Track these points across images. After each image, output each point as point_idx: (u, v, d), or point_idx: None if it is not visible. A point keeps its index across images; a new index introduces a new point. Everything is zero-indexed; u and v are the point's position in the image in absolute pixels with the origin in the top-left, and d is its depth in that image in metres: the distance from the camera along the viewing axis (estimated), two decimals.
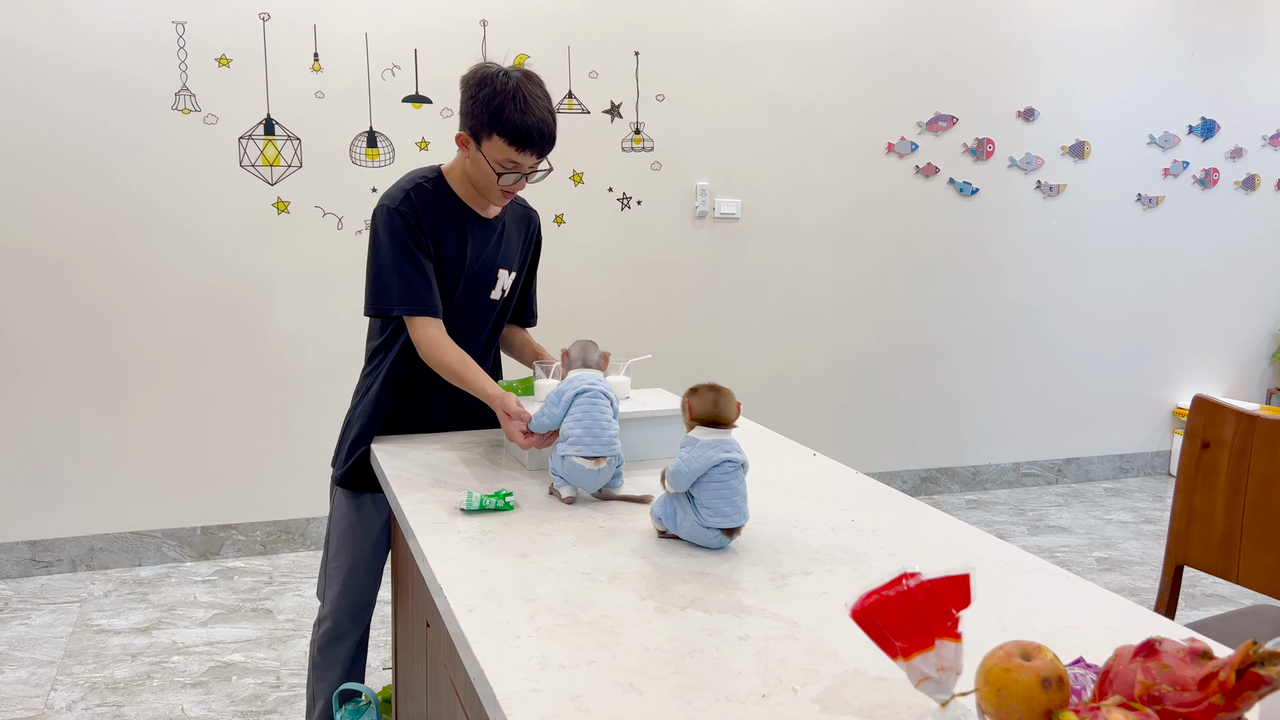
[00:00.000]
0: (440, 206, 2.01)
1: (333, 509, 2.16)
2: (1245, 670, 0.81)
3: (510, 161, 1.89)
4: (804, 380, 4.40)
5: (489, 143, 1.89)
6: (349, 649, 2.20)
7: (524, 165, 1.91)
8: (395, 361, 2.06)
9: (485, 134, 1.88)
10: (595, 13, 3.87)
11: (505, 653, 1.12)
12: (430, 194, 2.00)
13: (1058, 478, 4.91)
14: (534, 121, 1.86)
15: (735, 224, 4.19)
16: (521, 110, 1.85)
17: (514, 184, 1.95)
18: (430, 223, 1.99)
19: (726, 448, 1.45)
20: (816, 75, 4.20)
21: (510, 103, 1.84)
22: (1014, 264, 4.64)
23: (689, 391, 1.51)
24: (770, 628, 1.20)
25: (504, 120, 1.85)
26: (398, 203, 1.96)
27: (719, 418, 1.48)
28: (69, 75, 3.36)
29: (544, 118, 1.87)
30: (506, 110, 1.84)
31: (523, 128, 1.85)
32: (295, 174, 3.63)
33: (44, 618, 3.21)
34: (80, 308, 3.47)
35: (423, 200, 1.98)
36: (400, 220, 1.95)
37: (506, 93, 1.85)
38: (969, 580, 0.94)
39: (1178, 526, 1.99)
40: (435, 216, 2.00)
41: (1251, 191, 5.00)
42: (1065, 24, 4.51)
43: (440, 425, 2.15)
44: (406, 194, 1.98)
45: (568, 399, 1.73)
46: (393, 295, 1.95)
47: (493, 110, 1.85)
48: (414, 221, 1.96)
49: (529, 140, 1.86)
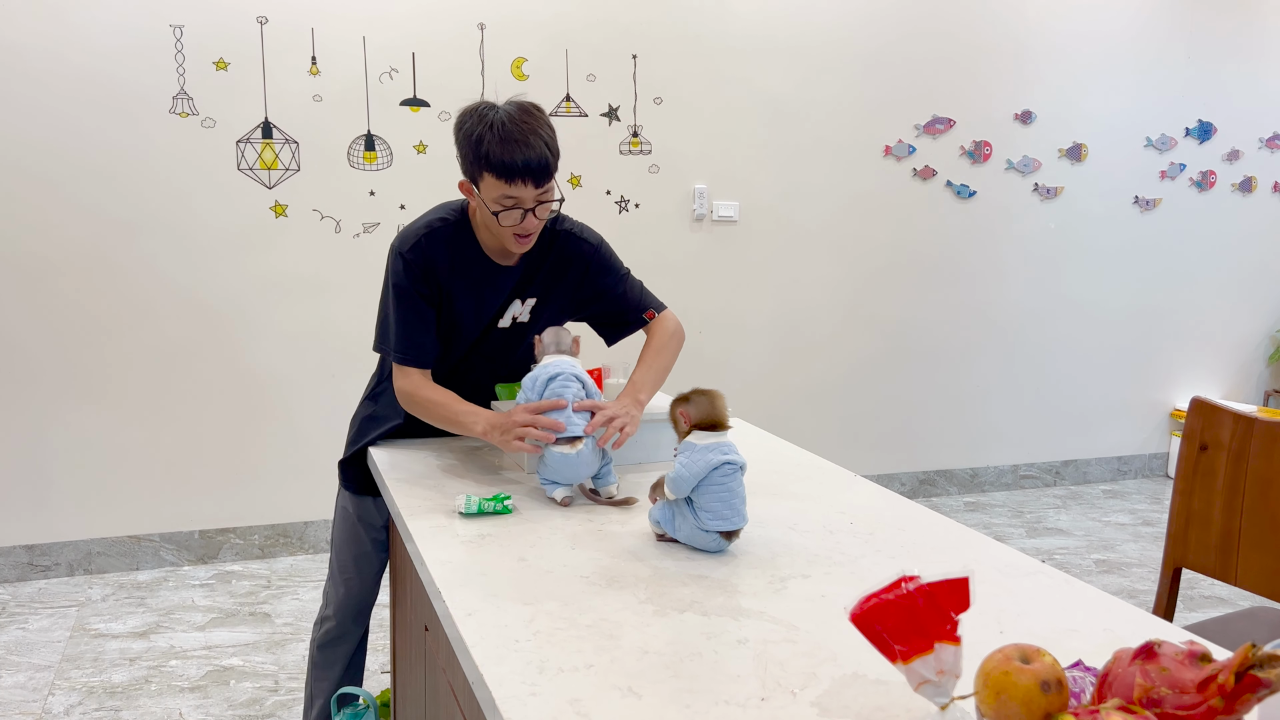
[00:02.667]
0: (456, 250, 1.90)
1: (337, 507, 2.18)
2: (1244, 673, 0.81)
3: (507, 198, 1.75)
4: (802, 383, 4.40)
5: (483, 183, 1.77)
6: (349, 649, 2.21)
7: (523, 200, 1.76)
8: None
9: (478, 174, 1.77)
10: (593, 16, 3.88)
11: (504, 656, 1.12)
12: (447, 237, 1.90)
13: (1056, 480, 4.91)
14: (518, 149, 1.71)
15: (733, 226, 4.20)
16: (503, 139, 1.71)
17: (521, 222, 1.79)
18: (442, 269, 1.89)
19: (725, 450, 1.45)
20: (814, 78, 4.20)
21: (489, 133, 1.72)
22: (1012, 266, 4.65)
23: (679, 400, 1.50)
24: (769, 631, 1.20)
25: (485, 154, 1.73)
26: (407, 248, 1.87)
27: (716, 420, 1.48)
28: (67, 79, 3.36)
29: (529, 143, 1.72)
30: (486, 143, 1.72)
31: (506, 158, 1.71)
32: (293, 177, 3.63)
33: (41, 622, 3.21)
34: (78, 311, 3.47)
35: (434, 245, 1.88)
36: (404, 267, 1.87)
37: (486, 124, 1.73)
38: (968, 583, 0.94)
39: (1176, 529, 1.99)
40: (449, 261, 1.89)
41: (1248, 194, 5.00)
42: (1062, 27, 4.52)
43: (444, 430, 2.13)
44: (419, 240, 1.88)
45: (540, 384, 1.72)
46: (389, 340, 1.90)
47: (474, 146, 1.75)
48: (418, 270, 1.87)
49: (514, 170, 1.72)
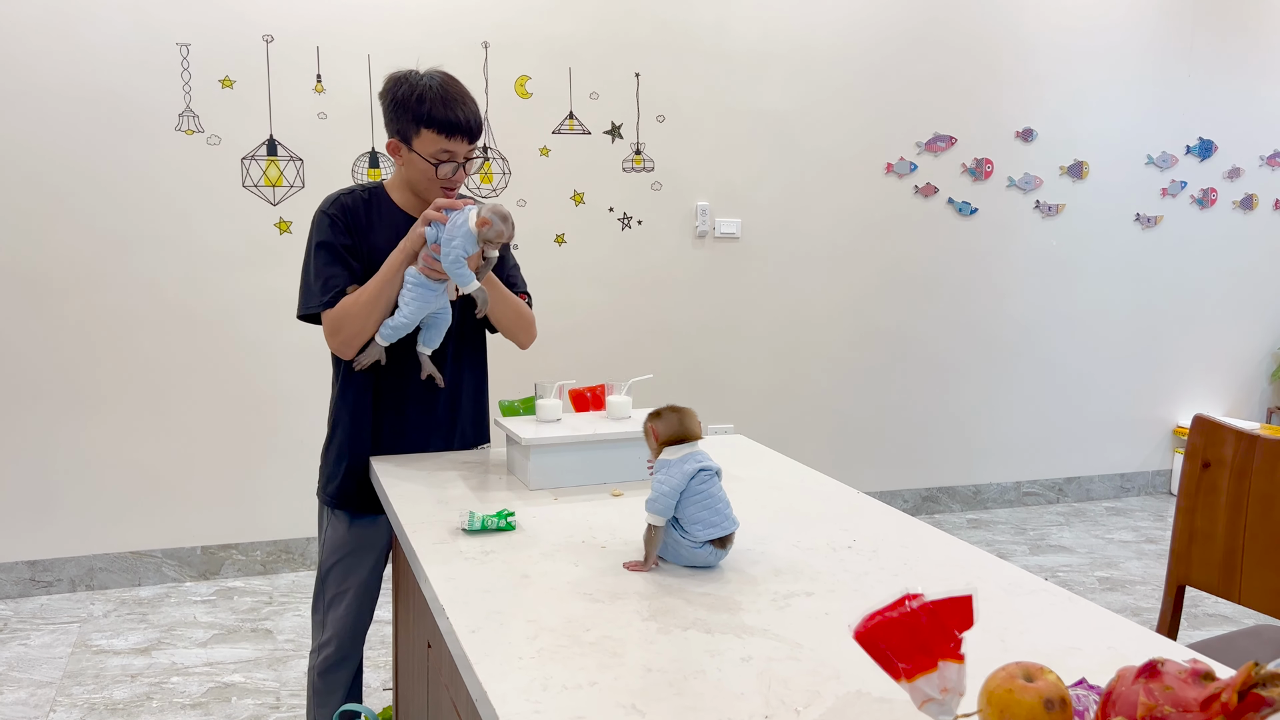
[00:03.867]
0: (375, 213, 2.03)
1: (326, 535, 2.13)
2: (1247, 692, 0.81)
3: (444, 151, 1.93)
4: (805, 399, 4.40)
5: (418, 139, 1.92)
6: (350, 672, 2.19)
7: (458, 153, 1.94)
8: (360, 381, 2.05)
9: (414, 131, 1.92)
10: (596, 34, 3.90)
11: (507, 673, 1.12)
12: (364, 201, 2.02)
13: (1059, 497, 4.90)
14: (459, 108, 1.90)
15: (735, 243, 4.21)
16: (444, 100, 1.90)
17: (453, 174, 1.97)
18: (362, 228, 2.00)
19: (698, 458, 1.46)
20: (816, 96, 4.22)
21: (430, 93, 1.90)
22: (1013, 284, 4.66)
23: (650, 416, 1.51)
24: (772, 649, 1.20)
25: (428, 112, 1.89)
26: (327, 205, 2.00)
27: (686, 435, 1.48)
28: (74, 96, 3.38)
29: (466, 103, 1.92)
30: (428, 102, 1.89)
31: (449, 115, 1.89)
32: (297, 194, 3.65)
33: (43, 638, 3.20)
34: (81, 326, 3.48)
35: (355, 205, 2.01)
36: (327, 222, 1.99)
37: (424, 86, 1.90)
38: (971, 601, 0.94)
39: (1179, 546, 1.99)
40: (368, 222, 2.02)
41: (1249, 211, 5.02)
42: (1063, 45, 4.54)
43: (425, 443, 2.12)
44: (337, 198, 2.02)
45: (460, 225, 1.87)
46: (313, 293, 1.97)
47: (415, 104, 1.90)
48: (341, 224, 1.99)
49: (456, 126, 1.90)
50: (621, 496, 1.82)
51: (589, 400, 2.08)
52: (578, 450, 1.88)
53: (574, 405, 2.10)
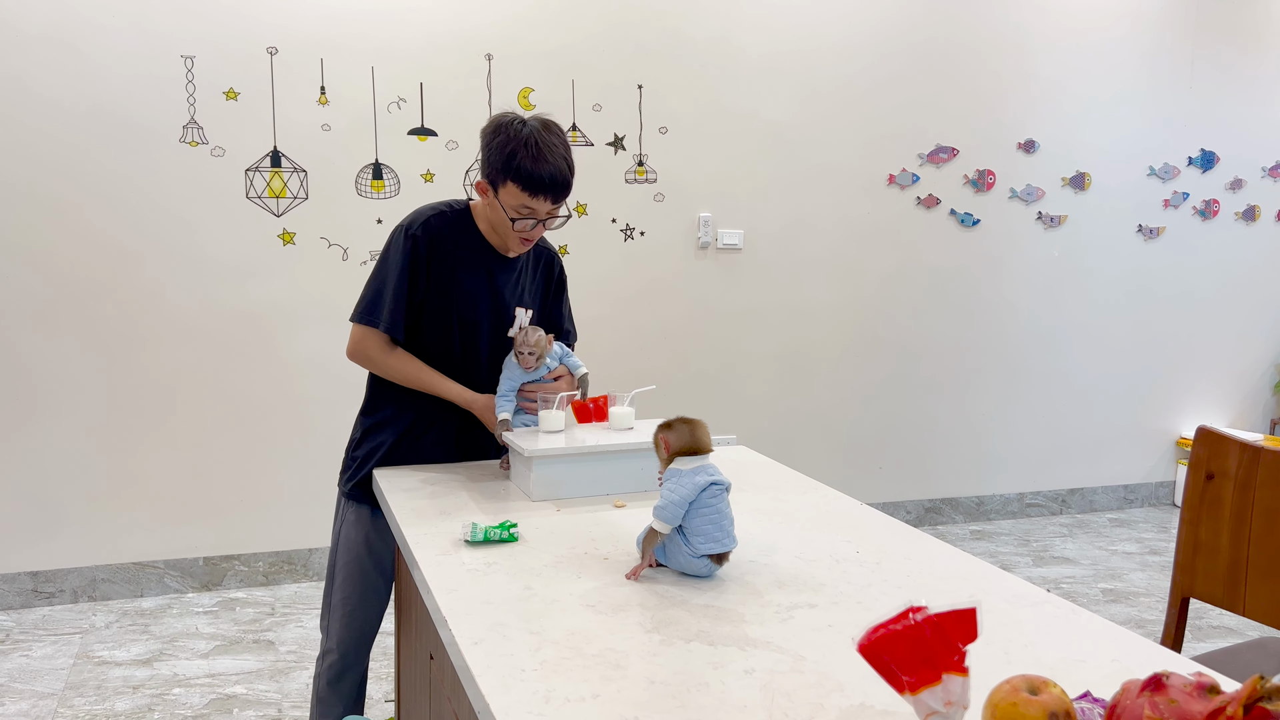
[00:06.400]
0: (460, 236, 2.04)
1: (340, 539, 2.14)
2: (1253, 705, 0.81)
3: (525, 207, 1.93)
4: (807, 410, 4.40)
5: (504, 189, 1.92)
6: (354, 682, 2.18)
7: (539, 211, 1.94)
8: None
9: (500, 180, 1.92)
10: (599, 46, 3.92)
11: (510, 686, 1.12)
12: (451, 222, 2.04)
13: (1062, 508, 4.89)
14: (546, 168, 1.89)
15: (737, 255, 4.21)
16: (534, 157, 1.88)
17: (530, 230, 1.97)
18: (444, 252, 2.02)
19: (709, 471, 1.46)
20: (818, 108, 4.23)
21: (523, 149, 1.88)
22: (1015, 295, 4.66)
23: (661, 427, 1.51)
24: (776, 661, 1.19)
25: (516, 166, 1.89)
26: (415, 227, 2.01)
27: (697, 448, 1.48)
28: (79, 108, 3.40)
29: (557, 164, 1.90)
30: (519, 157, 1.88)
31: (535, 173, 1.89)
32: (301, 205, 3.66)
33: (45, 649, 3.20)
34: (85, 338, 3.49)
35: (442, 227, 2.02)
36: (408, 244, 2.00)
37: (520, 140, 1.89)
38: (975, 614, 0.94)
39: (1183, 558, 1.98)
40: (452, 246, 2.03)
41: (1252, 222, 5.02)
42: (1065, 56, 4.55)
43: (447, 455, 2.14)
44: (427, 220, 2.02)
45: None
46: (380, 308, 2.01)
47: (506, 157, 1.89)
48: (424, 248, 2.00)
49: (541, 185, 1.90)
50: (624, 508, 1.82)
51: (592, 411, 2.08)
52: (580, 462, 1.88)
53: (577, 417, 2.10)
